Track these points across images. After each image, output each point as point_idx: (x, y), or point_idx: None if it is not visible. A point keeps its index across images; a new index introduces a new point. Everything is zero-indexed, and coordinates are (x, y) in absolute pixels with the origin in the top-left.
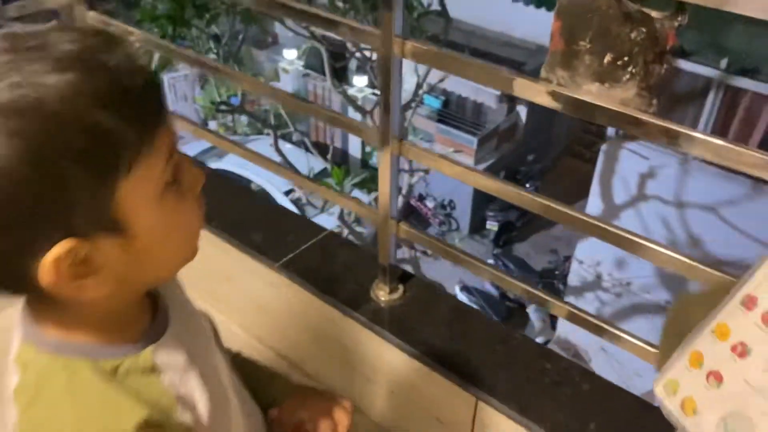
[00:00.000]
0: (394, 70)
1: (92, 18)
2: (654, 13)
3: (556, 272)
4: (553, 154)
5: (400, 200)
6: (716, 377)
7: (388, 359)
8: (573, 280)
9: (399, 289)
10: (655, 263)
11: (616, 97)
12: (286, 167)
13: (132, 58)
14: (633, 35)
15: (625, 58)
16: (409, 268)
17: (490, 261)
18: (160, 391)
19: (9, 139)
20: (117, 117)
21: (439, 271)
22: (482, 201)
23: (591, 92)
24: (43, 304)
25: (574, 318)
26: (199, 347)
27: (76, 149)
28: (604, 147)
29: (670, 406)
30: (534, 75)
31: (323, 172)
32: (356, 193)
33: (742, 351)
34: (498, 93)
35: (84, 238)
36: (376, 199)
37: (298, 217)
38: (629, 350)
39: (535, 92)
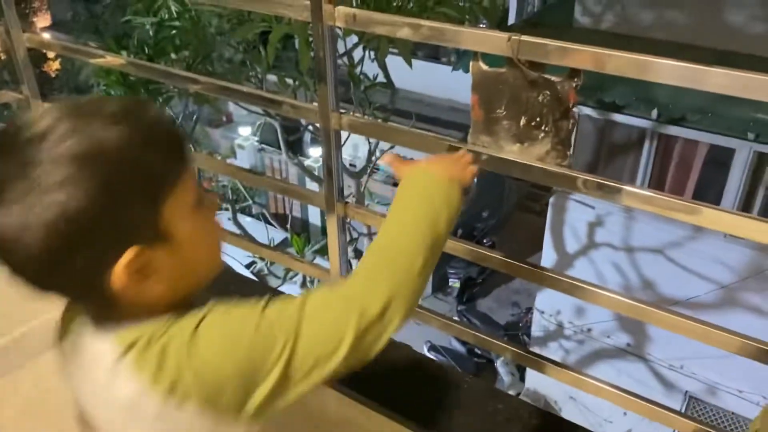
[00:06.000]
0: (333, 140)
1: None
2: (554, 78)
3: (520, 324)
4: (506, 209)
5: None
6: None
7: (341, 412)
8: (536, 330)
9: None
10: (608, 308)
11: (534, 153)
12: (244, 239)
13: (160, 112)
14: (540, 98)
15: (537, 119)
16: None
17: (455, 318)
18: None
19: (85, 180)
20: (158, 156)
21: (405, 331)
22: (443, 258)
23: (514, 152)
24: (108, 310)
25: (533, 363)
26: None
27: (133, 181)
28: (551, 199)
29: None
30: None
31: (284, 242)
32: (318, 260)
33: None
34: None
35: (143, 246)
36: None
37: (256, 284)
38: (592, 393)
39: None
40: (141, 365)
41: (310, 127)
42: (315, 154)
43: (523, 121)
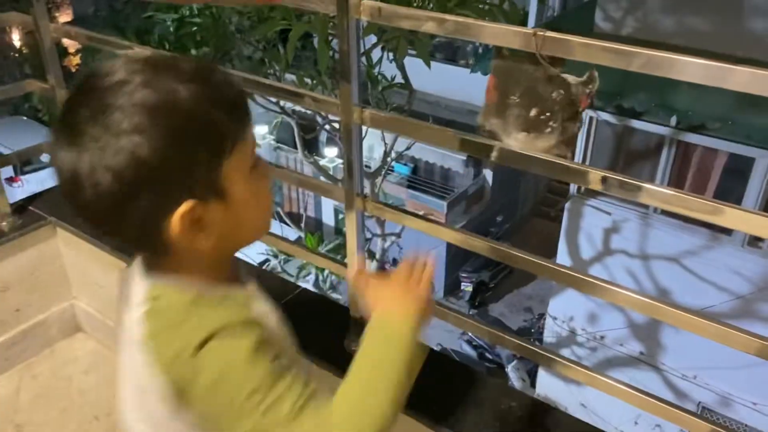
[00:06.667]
0: (355, 134)
1: None
2: (570, 78)
3: (532, 330)
4: (521, 214)
5: (374, 264)
6: None
7: None
8: (548, 336)
9: None
10: (625, 305)
11: (539, 146)
12: None
13: (228, 76)
14: (554, 95)
15: (547, 114)
16: None
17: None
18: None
19: (154, 130)
20: (225, 115)
21: None
22: (455, 262)
23: (518, 140)
24: (164, 258)
25: (546, 360)
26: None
27: (199, 136)
28: (567, 205)
29: None
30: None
31: (297, 241)
32: None
33: None
34: (464, 158)
35: (200, 200)
36: None
37: (275, 277)
38: (605, 392)
39: (474, 148)
40: (149, 330)
41: (327, 127)
42: (330, 154)
43: (533, 112)
